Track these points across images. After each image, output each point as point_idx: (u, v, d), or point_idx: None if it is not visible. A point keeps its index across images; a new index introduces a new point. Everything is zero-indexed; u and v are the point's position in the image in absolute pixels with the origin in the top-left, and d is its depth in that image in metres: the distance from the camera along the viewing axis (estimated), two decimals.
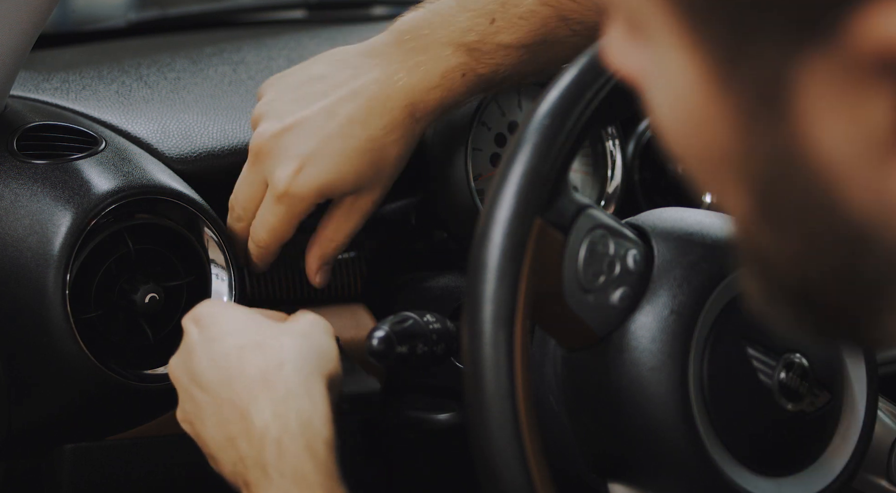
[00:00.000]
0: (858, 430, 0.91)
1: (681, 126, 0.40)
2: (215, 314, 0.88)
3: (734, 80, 0.37)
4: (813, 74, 0.35)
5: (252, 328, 0.86)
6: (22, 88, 1.11)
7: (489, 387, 0.74)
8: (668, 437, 0.83)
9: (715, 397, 0.84)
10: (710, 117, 0.38)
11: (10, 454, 1.04)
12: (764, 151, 0.38)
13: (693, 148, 0.40)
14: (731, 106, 0.38)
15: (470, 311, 0.75)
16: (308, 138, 0.97)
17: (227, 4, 1.71)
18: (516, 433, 0.74)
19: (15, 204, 0.98)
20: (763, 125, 0.37)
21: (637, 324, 0.84)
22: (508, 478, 0.74)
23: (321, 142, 0.96)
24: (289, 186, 0.97)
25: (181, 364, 0.88)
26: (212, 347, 0.86)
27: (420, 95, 0.97)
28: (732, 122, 0.38)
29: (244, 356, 0.84)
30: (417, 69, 0.97)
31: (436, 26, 0.97)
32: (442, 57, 0.96)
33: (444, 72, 0.97)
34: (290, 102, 0.98)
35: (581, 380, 0.87)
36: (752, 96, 0.37)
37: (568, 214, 0.81)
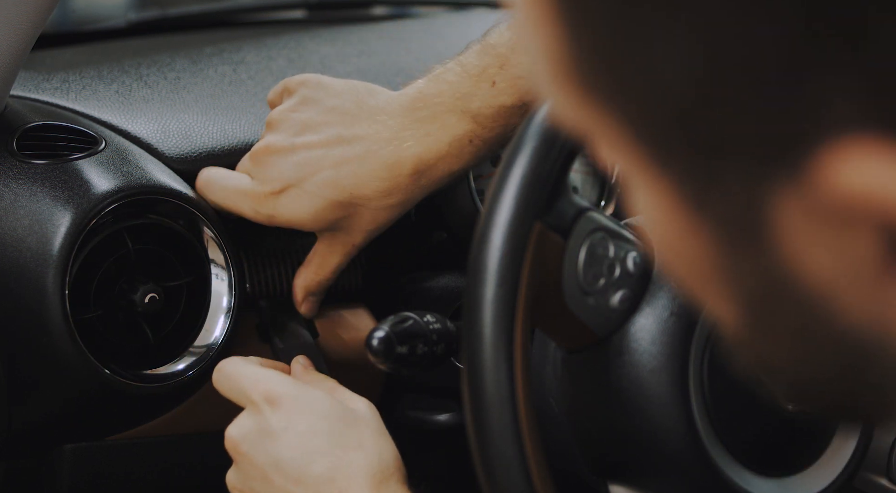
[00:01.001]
0: (859, 430, 0.91)
1: (664, 246, 0.39)
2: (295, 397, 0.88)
3: (707, 215, 0.36)
4: (787, 209, 0.34)
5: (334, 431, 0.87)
6: (22, 88, 1.11)
7: (489, 389, 0.74)
8: (668, 438, 0.83)
9: (715, 398, 0.84)
10: (689, 245, 0.38)
11: (10, 454, 1.03)
12: (750, 273, 0.37)
13: (678, 265, 0.39)
14: (707, 236, 0.37)
15: (470, 314, 0.75)
16: (299, 169, 0.98)
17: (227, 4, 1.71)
18: (516, 435, 0.74)
19: (15, 204, 0.98)
20: (744, 252, 0.36)
21: (637, 326, 0.84)
22: (508, 480, 0.74)
23: (310, 178, 0.98)
24: (263, 199, 0.99)
25: (258, 444, 0.87)
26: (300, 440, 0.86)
27: (428, 163, 0.97)
28: (712, 249, 0.37)
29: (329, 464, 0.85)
30: (427, 138, 0.97)
31: (443, 94, 0.98)
32: (449, 125, 0.97)
33: (451, 140, 0.97)
34: (303, 122, 0.99)
35: (581, 382, 0.87)
36: (728, 228, 0.36)
37: (567, 218, 0.81)
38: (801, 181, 0.33)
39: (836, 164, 0.32)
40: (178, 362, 1.00)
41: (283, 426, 0.87)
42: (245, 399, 0.90)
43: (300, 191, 0.98)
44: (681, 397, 0.83)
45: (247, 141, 1.08)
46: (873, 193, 0.32)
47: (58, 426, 1.03)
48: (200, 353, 1.01)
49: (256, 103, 1.16)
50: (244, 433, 0.88)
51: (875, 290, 0.34)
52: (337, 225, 0.99)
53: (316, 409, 0.87)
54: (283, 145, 0.99)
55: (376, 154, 0.97)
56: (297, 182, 0.98)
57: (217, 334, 1.01)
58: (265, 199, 0.99)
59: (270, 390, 0.88)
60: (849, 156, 0.32)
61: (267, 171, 0.99)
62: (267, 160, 0.99)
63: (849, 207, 0.33)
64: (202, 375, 1.00)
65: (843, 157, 0.32)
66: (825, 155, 0.32)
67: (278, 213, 0.99)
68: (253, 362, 0.94)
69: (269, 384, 0.89)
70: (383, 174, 0.97)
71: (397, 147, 0.97)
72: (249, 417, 0.89)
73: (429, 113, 0.98)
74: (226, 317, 1.01)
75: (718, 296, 0.39)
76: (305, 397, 0.88)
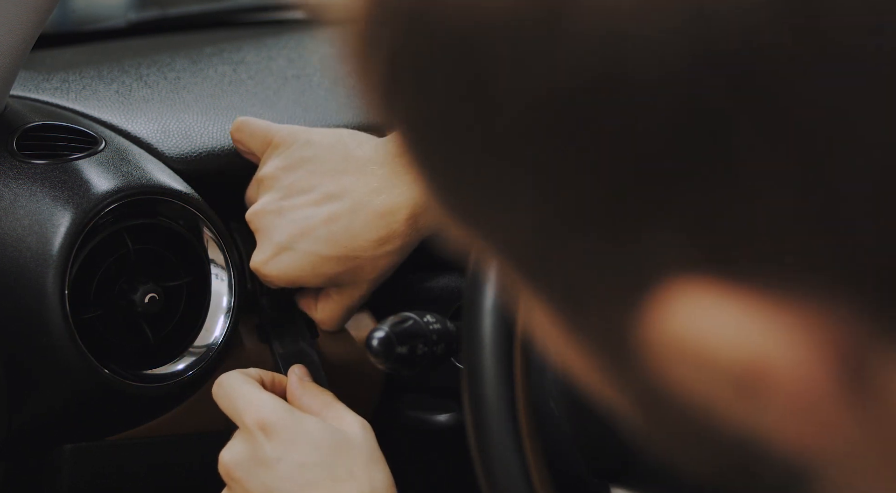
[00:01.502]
0: None
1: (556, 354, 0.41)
2: (288, 427, 0.88)
3: (580, 337, 0.37)
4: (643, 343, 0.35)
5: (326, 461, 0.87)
6: (22, 88, 1.11)
7: (489, 389, 0.74)
8: None
9: None
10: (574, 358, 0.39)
11: (10, 454, 1.03)
12: (630, 385, 0.38)
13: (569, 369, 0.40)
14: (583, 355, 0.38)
15: (470, 314, 0.75)
16: (291, 229, 0.98)
17: (227, 4, 1.71)
18: (516, 437, 0.74)
19: (14, 204, 0.98)
20: (620, 370, 0.37)
21: None
22: (508, 481, 0.74)
23: (301, 238, 0.98)
24: (259, 267, 0.99)
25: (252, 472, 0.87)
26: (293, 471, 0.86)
27: (423, 207, 0.97)
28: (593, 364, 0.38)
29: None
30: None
31: None
32: None
33: None
34: (293, 185, 0.99)
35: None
36: (601, 350, 0.37)
37: None
38: (644, 319, 0.34)
39: (666, 305, 0.33)
40: (178, 362, 1.00)
41: (276, 455, 0.86)
42: (240, 422, 0.89)
43: (294, 252, 0.98)
44: None
45: None
46: (702, 335, 0.33)
47: (58, 426, 1.03)
48: (200, 353, 1.01)
49: (256, 103, 1.16)
50: (238, 459, 0.88)
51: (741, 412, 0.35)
52: (338, 279, 1.00)
53: (308, 439, 0.87)
54: (273, 208, 0.99)
55: (368, 205, 0.97)
56: (290, 244, 0.98)
57: (217, 334, 1.01)
58: (262, 266, 0.99)
59: (264, 419, 0.88)
60: (676, 297, 0.33)
61: (261, 237, 1.00)
62: (261, 224, 1.00)
63: (686, 347, 0.33)
64: (202, 375, 1.00)
65: (670, 298, 0.33)
66: (656, 296, 0.33)
67: (275, 276, 0.99)
68: (252, 377, 0.92)
69: (264, 412, 0.88)
70: (378, 224, 0.97)
71: (389, 195, 0.97)
72: (243, 443, 0.88)
73: None
74: (226, 317, 1.01)
75: (613, 399, 0.40)
76: (298, 426, 0.88)
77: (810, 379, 0.33)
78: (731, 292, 0.32)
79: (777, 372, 0.33)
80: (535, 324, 0.39)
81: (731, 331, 0.33)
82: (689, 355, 0.34)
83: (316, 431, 0.87)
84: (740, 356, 0.33)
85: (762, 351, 0.33)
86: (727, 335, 0.33)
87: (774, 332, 0.32)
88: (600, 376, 0.39)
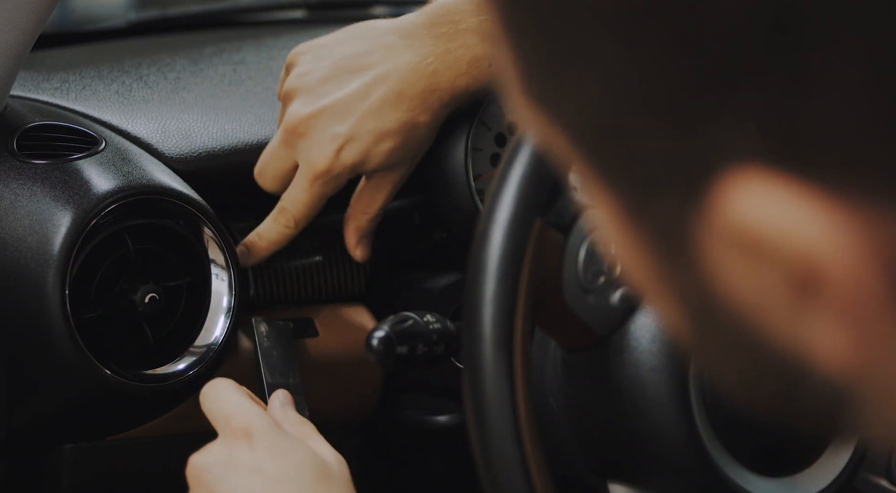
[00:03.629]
0: None
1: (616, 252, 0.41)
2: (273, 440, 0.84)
3: (642, 229, 0.38)
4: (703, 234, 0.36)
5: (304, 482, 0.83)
6: (22, 88, 1.11)
7: (489, 388, 0.74)
8: (668, 437, 0.83)
9: (715, 398, 0.84)
10: (633, 253, 0.40)
11: (10, 453, 1.03)
12: (685, 287, 0.39)
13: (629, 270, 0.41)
14: (643, 249, 0.39)
15: (470, 312, 0.75)
16: (344, 120, 0.99)
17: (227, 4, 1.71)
18: (516, 435, 0.74)
19: (15, 204, 0.98)
20: (676, 267, 0.38)
21: (637, 324, 0.84)
22: (508, 479, 0.74)
23: (356, 123, 0.99)
24: (330, 166, 1.00)
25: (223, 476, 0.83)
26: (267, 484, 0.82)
27: (448, 81, 1.00)
28: (651, 261, 0.39)
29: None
30: (448, 56, 0.99)
31: (467, 13, 0.99)
32: (470, 45, 0.99)
33: (471, 60, 0.99)
34: (323, 80, 1.01)
35: (581, 381, 0.87)
36: (661, 245, 0.38)
37: (568, 216, 0.81)
38: (706, 209, 0.35)
39: (729, 194, 0.34)
40: (178, 362, 1.00)
41: (255, 465, 0.83)
42: (223, 425, 0.86)
43: (356, 141, 1.00)
44: (681, 397, 0.83)
45: (247, 141, 1.08)
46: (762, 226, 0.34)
47: (58, 426, 1.03)
48: (200, 353, 1.01)
49: (256, 103, 1.16)
50: (210, 462, 0.83)
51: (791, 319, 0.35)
52: (392, 155, 1.01)
53: (290, 456, 0.83)
54: (315, 109, 1.00)
55: (400, 77, 0.99)
56: (349, 132, 0.99)
57: (217, 334, 1.01)
58: (332, 164, 1.00)
59: (251, 425, 0.84)
60: (740, 186, 0.34)
61: (313, 137, 1.00)
62: (307, 129, 1.00)
63: (746, 238, 0.35)
64: (202, 375, 1.00)
65: (734, 187, 0.34)
66: (720, 184, 0.35)
67: (346, 167, 1.00)
68: (241, 390, 0.89)
69: (252, 419, 0.85)
70: (410, 93, 1.00)
71: (417, 65, 1.00)
72: (221, 446, 0.84)
73: (449, 30, 1.00)
74: (226, 317, 1.01)
75: (665, 304, 0.41)
76: (283, 441, 0.84)
77: (861, 283, 0.33)
78: (794, 185, 0.34)
79: (829, 272, 0.33)
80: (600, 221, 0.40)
81: (789, 223, 0.34)
82: (746, 248, 0.35)
83: (300, 451, 0.84)
84: (796, 251, 0.34)
85: (817, 248, 0.33)
86: (785, 227, 0.34)
87: (831, 230, 0.33)
88: (656, 277, 0.39)
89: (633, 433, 0.84)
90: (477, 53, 0.99)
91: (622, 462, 0.87)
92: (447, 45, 0.99)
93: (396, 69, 1.00)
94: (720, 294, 0.37)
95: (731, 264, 0.35)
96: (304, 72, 1.02)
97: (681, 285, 0.39)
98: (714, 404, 0.84)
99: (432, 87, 1.00)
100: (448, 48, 0.99)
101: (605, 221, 0.40)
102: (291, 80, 1.02)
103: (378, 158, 1.01)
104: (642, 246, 0.39)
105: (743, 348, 0.38)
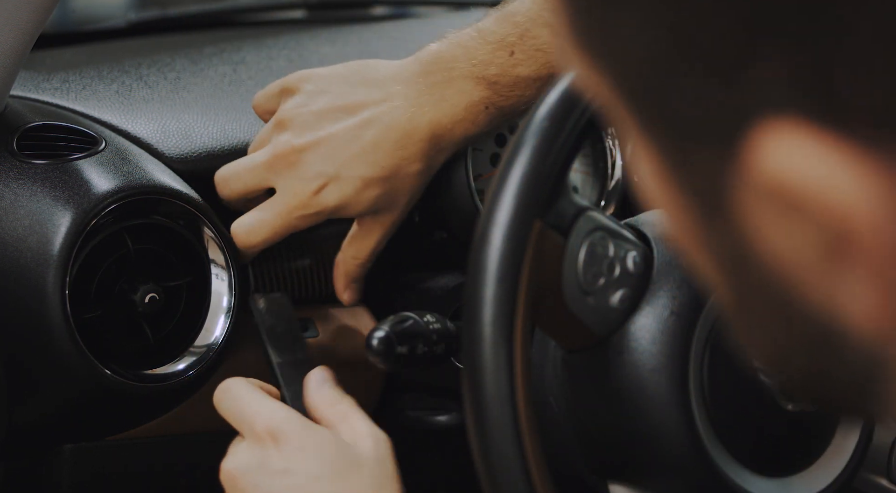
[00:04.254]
0: (858, 430, 0.91)
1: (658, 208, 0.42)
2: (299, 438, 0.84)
3: (680, 183, 0.39)
4: (740, 189, 0.36)
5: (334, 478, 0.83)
6: (22, 88, 1.11)
7: (489, 388, 0.74)
8: (668, 437, 0.83)
9: (715, 398, 0.84)
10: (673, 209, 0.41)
11: (10, 454, 1.03)
12: (721, 244, 0.39)
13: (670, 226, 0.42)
14: (683, 205, 0.40)
15: (470, 313, 0.75)
16: (331, 159, 0.98)
17: (227, 4, 1.71)
18: (516, 435, 0.74)
19: (15, 204, 0.98)
20: (713, 224, 0.39)
21: (637, 325, 0.84)
22: (508, 479, 0.74)
23: (342, 165, 0.98)
24: (308, 203, 0.99)
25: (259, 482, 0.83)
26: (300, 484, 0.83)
27: (445, 128, 0.99)
28: (690, 217, 0.40)
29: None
30: (443, 103, 0.98)
31: (459, 59, 0.98)
32: (465, 91, 0.98)
33: (467, 105, 0.98)
34: (319, 114, 1.00)
35: (581, 381, 0.87)
36: (699, 200, 0.39)
37: (567, 217, 0.81)
38: (742, 162, 0.36)
39: (764, 146, 0.35)
40: (178, 362, 1.00)
41: (286, 466, 0.83)
42: (247, 429, 0.85)
43: (339, 181, 0.99)
44: (681, 397, 0.83)
45: (247, 141, 1.08)
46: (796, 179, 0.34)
47: (58, 426, 1.03)
48: (200, 353, 1.01)
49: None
50: (244, 468, 0.84)
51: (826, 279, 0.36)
52: (378, 202, 1.00)
53: (319, 452, 0.83)
54: (307, 142, 0.99)
55: (395, 124, 0.98)
56: (335, 173, 0.98)
57: (217, 333, 1.01)
58: (312, 201, 0.99)
59: (275, 427, 0.84)
60: (775, 138, 0.35)
61: (300, 171, 0.99)
62: (296, 161, 0.99)
63: (781, 191, 0.35)
64: (202, 375, 1.00)
65: (770, 139, 0.35)
66: (756, 135, 0.35)
67: (326, 207, 0.99)
68: (255, 386, 0.89)
69: (275, 420, 0.84)
70: (405, 142, 0.98)
71: (414, 113, 0.99)
72: (249, 451, 0.84)
73: (444, 78, 0.99)
74: (226, 317, 1.01)
75: (704, 264, 0.41)
76: (310, 438, 0.84)
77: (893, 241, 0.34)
78: (828, 138, 0.34)
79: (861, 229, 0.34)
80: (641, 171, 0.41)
81: (821, 177, 0.34)
82: (780, 202, 0.35)
83: (327, 444, 0.84)
84: (828, 206, 0.34)
85: (849, 203, 0.34)
86: (818, 181, 0.34)
87: (863, 185, 0.34)
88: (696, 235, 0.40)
89: (633, 433, 0.84)
90: (473, 99, 0.98)
91: (622, 462, 0.87)
92: (442, 92, 0.98)
93: (392, 114, 0.99)
94: (756, 253, 0.37)
95: (766, 219, 0.36)
96: (301, 103, 1.01)
97: (719, 242, 0.39)
98: (714, 404, 0.84)
99: (428, 135, 0.99)
100: (443, 95, 0.98)
101: (648, 176, 0.40)
102: (288, 109, 1.01)
103: (363, 204, 1.00)
104: (683, 202, 0.39)
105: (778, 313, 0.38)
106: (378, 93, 1.00)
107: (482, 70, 0.97)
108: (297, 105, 1.01)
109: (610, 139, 1.15)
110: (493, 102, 0.98)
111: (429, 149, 0.99)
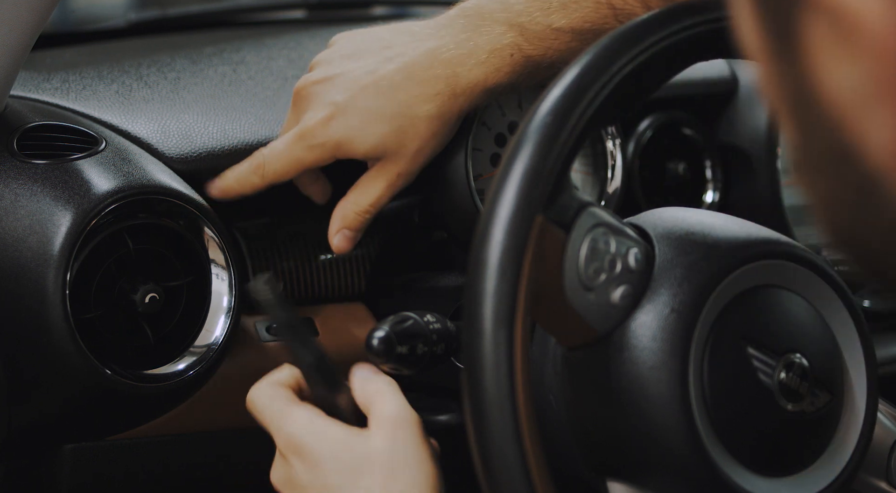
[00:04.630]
0: (858, 431, 0.90)
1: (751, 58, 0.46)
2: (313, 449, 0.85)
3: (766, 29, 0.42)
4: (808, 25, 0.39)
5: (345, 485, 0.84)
6: (22, 88, 1.11)
7: (489, 386, 0.74)
8: (667, 436, 0.83)
9: (715, 397, 0.84)
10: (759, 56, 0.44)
11: (10, 454, 1.03)
12: (792, 87, 0.43)
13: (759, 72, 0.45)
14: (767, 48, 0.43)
15: (470, 309, 0.75)
16: (343, 89, 0.99)
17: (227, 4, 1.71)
18: (516, 433, 0.74)
19: (15, 204, 0.98)
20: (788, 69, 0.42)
21: (637, 322, 0.84)
22: (508, 478, 0.74)
23: (354, 95, 0.99)
24: (315, 130, 0.99)
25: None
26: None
27: (463, 68, 0.98)
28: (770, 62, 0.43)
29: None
30: (467, 43, 0.98)
31: (497, 10, 0.98)
32: (493, 34, 0.98)
33: (492, 49, 0.98)
34: (344, 55, 1.01)
35: (581, 378, 0.86)
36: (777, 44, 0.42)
37: (569, 212, 0.81)
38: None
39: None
40: (179, 362, 1.01)
41: (307, 479, 0.85)
42: (276, 440, 0.87)
43: (346, 112, 0.99)
44: (681, 395, 0.83)
45: (247, 141, 1.08)
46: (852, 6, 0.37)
47: (58, 426, 1.03)
48: (201, 353, 1.01)
49: (256, 103, 1.16)
50: (281, 482, 0.87)
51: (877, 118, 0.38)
52: (385, 143, 0.99)
53: (331, 460, 0.84)
54: (324, 76, 1.00)
55: (413, 60, 0.98)
56: (344, 102, 0.99)
57: (217, 333, 1.01)
58: (317, 129, 0.99)
59: (292, 442, 0.85)
60: None
61: (311, 102, 1.00)
62: (309, 93, 1.01)
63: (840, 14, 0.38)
64: (202, 375, 1.00)
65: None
66: None
67: (331, 138, 0.99)
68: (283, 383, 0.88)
69: (293, 436, 0.85)
70: (420, 77, 0.98)
71: (435, 50, 0.98)
72: (280, 466, 0.87)
73: (474, 21, 0.99)
74: (226, 317, 1.01)
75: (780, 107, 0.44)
76: (322, 447, 0.85)
77: None
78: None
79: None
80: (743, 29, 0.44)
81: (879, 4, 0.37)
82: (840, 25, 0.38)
83: (337, 451, 0.84)
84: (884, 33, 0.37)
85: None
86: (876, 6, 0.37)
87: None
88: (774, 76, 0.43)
89: (633, 431, 0.84)
90: (499, 43, 0.97)
91: (622, 461, 0.87)
92: (470, 33, 0.98)
93: (411, 53, 0.99)
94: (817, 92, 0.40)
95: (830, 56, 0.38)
96: (332, 49, 1.03)
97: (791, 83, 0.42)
98: (714, 404, 0.84)
99: (443, 73, 0.98)
100: (469, 36, 0.98)
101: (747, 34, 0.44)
102: (320, 56, 1.03)
103: (369, 141, 0.99)
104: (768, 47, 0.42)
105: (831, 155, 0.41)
106: (407, 37, 1.00)
107: (514, 16, 0.97)
108: (328, 51, 1.03)
109: (610, 140, 1.15)
110: (521, 49, 0.97)
111: (443, 88, 0.98)
